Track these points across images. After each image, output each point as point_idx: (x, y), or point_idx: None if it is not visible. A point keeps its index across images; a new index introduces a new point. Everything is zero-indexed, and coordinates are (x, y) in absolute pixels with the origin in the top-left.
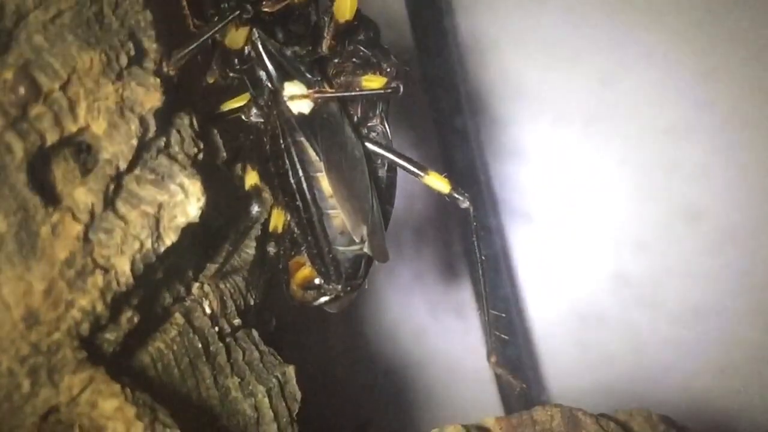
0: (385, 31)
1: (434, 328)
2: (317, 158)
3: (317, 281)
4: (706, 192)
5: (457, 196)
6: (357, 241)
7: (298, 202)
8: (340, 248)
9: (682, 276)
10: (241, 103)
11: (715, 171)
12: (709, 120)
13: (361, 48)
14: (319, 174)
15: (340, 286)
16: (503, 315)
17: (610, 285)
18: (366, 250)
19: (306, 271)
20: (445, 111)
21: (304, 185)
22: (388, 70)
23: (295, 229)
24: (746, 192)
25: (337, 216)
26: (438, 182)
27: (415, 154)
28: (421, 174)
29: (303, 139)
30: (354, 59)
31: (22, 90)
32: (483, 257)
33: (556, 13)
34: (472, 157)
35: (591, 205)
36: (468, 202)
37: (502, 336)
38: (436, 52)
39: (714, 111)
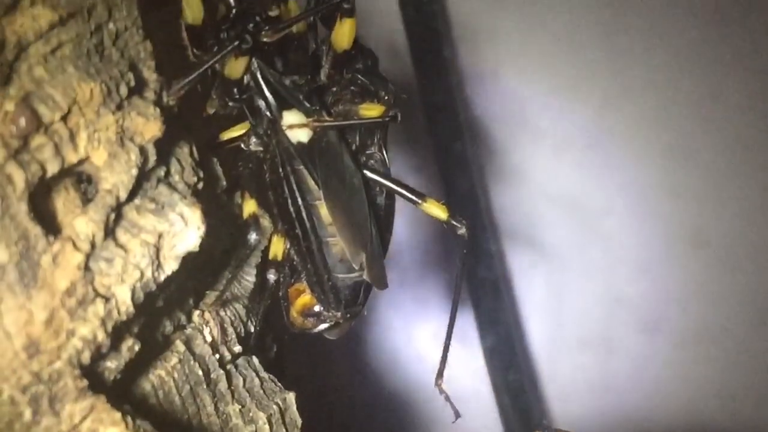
0: (385, 59)
1: (436, 353)
2: (316, 186)
3: (317, 308)
4: (707, 216)
5: (454, 223)
6: (356, 268)
7: (298, 230)
8: (340, 275)
9: (684, 300)
10: (241, 132)
11: (716, 195)
12: (711, 144)
13: (359, 76)
14: (318, 202)
15: (339, 313)
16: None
17: (611, 309)
18: (365, 277)
19: (305, 298)
20: (446, 137)
21: (303, 213)
22: (386, 98)
23: (295, 257)
24: (747, 215)
25: (337, 244)
26: (436, 209)
27: (415, 180)
28: (419, 201)
29: (302, 167)
30: (352, 88)
31: (23, 121)
32: (462, 282)
33: (555, 39)
34: (473, 183)
35: (592, 230)
36: (465, 229)
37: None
38: (436, 80)
39: (715, 135)
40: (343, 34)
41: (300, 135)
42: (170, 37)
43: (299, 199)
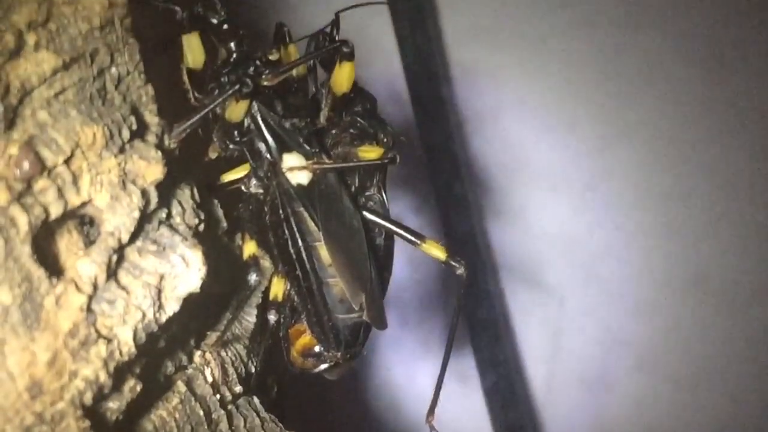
0: (385, 101)
1: None
2: (316, 228)
3: (317, 348)
4: (706, 255)
5: (453, 263)
6: (356, 308)
7: (298, 271)
8: (340, 316)
9: (682, 340)
10: (241, 174)
11: (714, 235)
12: (708, 185)
13: (359, 119)
14: (318, 243)
15: (339, 353)
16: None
17: (610, 349)
18: (365, 317)
19: (306, 338)
20: (445, 178)
21: (304, 254)
22: (385, 140)
23: (295, 298)
24: (746, 255)
25: (337, 284)
26: (435, 250)
27: (415, 221)
28: (418, 242)
29: (302, 209)
30: (351, 130)
31: (26, 165)
32: (458, 321)
33: (552, 81)
34: (472, 224)
35: (590, 270)
36: (463, 269)
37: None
38: (435, 121)
39: (713, 176)
40: (343, 77)
41: (300, 177)
42: (172, 80)
43: (299, 241)
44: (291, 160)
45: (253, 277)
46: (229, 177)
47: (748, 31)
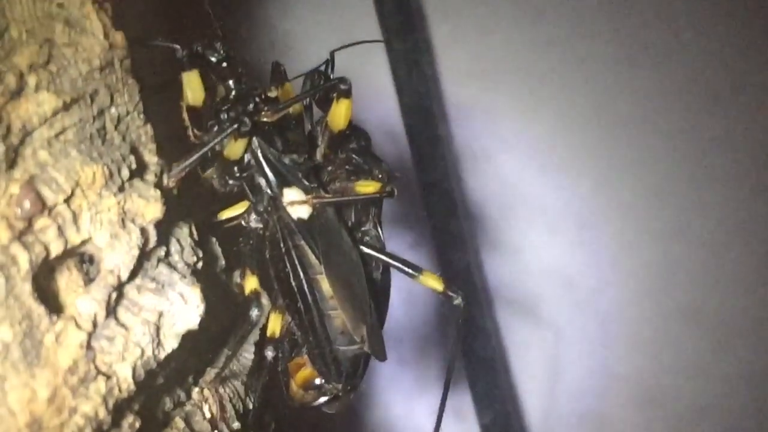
0: (382, 139)
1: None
2: (317, 261)
3: (317, 381)
4: (702, 291)
5: (450, 293)
6: (357, 340)
7: (299, 304)
8: (341, 348)
9: (679, 376)
10: (239, 212)
11: (710, 271)
12: (703, 221)
13: (353, 156)
14: (319, 276)
15: (340, 385)
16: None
17: (607, 384)
18: (366, 348)
19: (306, 371)
20: (441, 215)
21: (305, 287)
22: (380, 176)
23: (296, 331)
24: (742, 291)
25: (338, 316)
26: (432, 281)
27: (411, 257)
28: (415, 274)
29: (303, 243)
30: (347, 166)
31: (27, 204)
32: (459, 352)
33: (548, 120)
34: (468, 261)
35: (587, 306)
36: (461, 299)
37: None
38: (432, 159)
39: (707, 213)
40: (340, 114)
41: (300, 211)
42: (171, 118)
43: (301, 274)
44: (291, 194)
45: (254, 313)
46: (226, 214)
47: (743, 70)
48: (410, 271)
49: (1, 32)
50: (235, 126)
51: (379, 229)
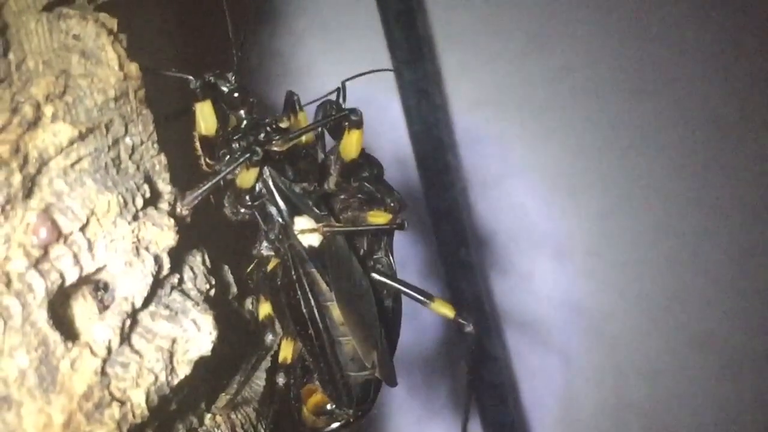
0: (392, 167)
1: None
2: (328, 288)
3: (329, 407)
4: (712, 318)
5: (461, 321)
6: (368, 366)
7: (310, 331)
8: (352, 374)
9: (691, 401)
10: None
11: (720, 298)
12: (711, 249)
13: (366, 184)
14: (330, 303)
15: (351, 410)
16: None
17: (619, 412)
18: (377, 374)
19: (317, 396)
20: (451, 243)
21: (316, 314)
22: (392, 205)
23: (307, 357)
24: (751, 318)
25: (348, 343)
26: (443, 308)
27: (421, 286)
28: (427, 301)
29: (314, 270)
30: (359, 195)
31: (44, 232)
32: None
33: (556, 148)
34: (478, 288)
35: (596, 334)
36: (471, 327)
37: None
38: (441, 187)
39: (715, 240)
40: (351, 144)
41: (311, 239)
42: (184, 147)
43: (312, 300)
44: (302, 222)
45: (269, 338)
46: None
47: (751, 99)
48: (422, 298)
49: (18, 64)
50: (247, 155)
51: (391, 257)
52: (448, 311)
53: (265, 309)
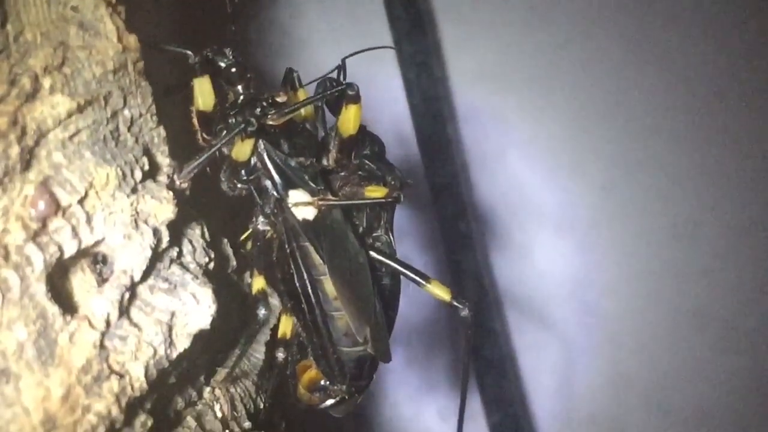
0: (392, 142)
1: (443, 430)
2: (321, 262)
3: (323, 383)
4: (710, 293)
5: (457, 304)
6: (360, 341)
7: (303, 305)
8: (345, 349)
9: (688, 376)
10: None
11: (718, 273)
12: (713, 223)
13: (367, 162)
14: (323, 277)
15: (345, 387)
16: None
17: (618, 388)
18: (369, 350)
19: (312, 372)
20: (451, 218)
21: (309, 288)
22: (393, 183)
23: (301, 331)
24: (750, 292)
25: (341, 317)
26: (439, 291)
27: (421, 260)
28: (423, 282)
29: (307, 243)
30: (360, 172)
31: (42, 205)
32: (470, 363)
33: (556, 121)
34: (477, 263)
35: (596, 308)
36: (467, 311)
37: None
38: (441, 162)
39: (716, 214)
40: (349, 119)
41: (305, 212)
42: (181, 122)
43: (305, 274)
44: (297, 195)
45: (261, 312)
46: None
47: (751, 71)
48: (418, 279)
49: (17, 35)
50: (242, 126)
51: (391, 235)
52: (444, 294)
53: (258, 283)
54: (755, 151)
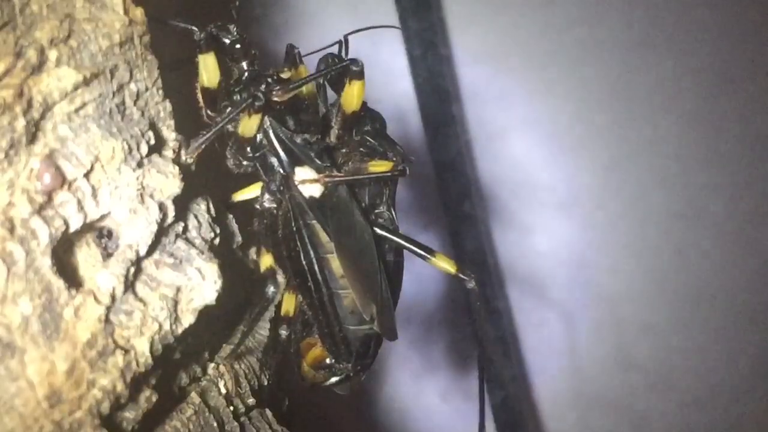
0: (396, 120)
1: (444, 410)
2: (328, 240)
3: (328, 361)
4: (714, 273)
5: (463, 276)
6: (367, 319)
7: (310, 283)
8: (351, 327)
9: (691, 356)
10: (252, 194)
11: (723, 253)
12: (715, 203)
13: (368, 138)
14: (329, 255)
15: (350, 365)
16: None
17: (620, 366)
18: (375, 328)
19: (317, 350)
20: (454, 197)
21: (315, 266)
22: (395, 159)
23: (307, 310)
24: (754, 273)
25: (348, 296)
26: (444, 264)
27: (424, 239)
28: (428, 256)
29: (314, 221)
30: (361, 148)
31: (48, 178)
32: (483, 336)
33: (561, 101)
34: (480, 241)
35: (599, 287)
36: (474, 283)
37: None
38: (445, 140)
39: (720, 194)
40: (352, 96)
41: (312, 190)
42: (186, 98)
43: (311, 252)
44: (303, 173)
45: (270, 290)
46: (240, 196)
47: (758, 52)
48: (423, 253)
49: (22, 7)
50: (250, 100)
51: (393, 211)
52: (449, 266)
53: (266, 261)
54: (762, 131)
